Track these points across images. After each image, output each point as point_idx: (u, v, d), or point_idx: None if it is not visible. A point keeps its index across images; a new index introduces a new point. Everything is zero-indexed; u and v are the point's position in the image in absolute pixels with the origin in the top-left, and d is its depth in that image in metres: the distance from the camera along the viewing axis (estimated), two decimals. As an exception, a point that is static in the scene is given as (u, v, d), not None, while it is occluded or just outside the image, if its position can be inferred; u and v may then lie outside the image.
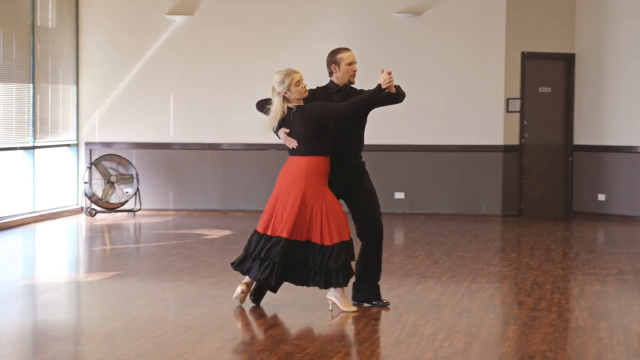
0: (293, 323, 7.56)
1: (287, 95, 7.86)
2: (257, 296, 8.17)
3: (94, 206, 15.15)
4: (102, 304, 8.67)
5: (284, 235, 7.80)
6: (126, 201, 15.27)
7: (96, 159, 15.28)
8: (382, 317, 7.78)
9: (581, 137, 15.37)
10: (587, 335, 7.16)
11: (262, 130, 8.05)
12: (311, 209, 7.80)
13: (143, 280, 9.74)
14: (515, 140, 15.07)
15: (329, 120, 7.83)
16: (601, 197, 15.07)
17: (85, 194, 15.18)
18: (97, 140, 15.69)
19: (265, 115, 8.05)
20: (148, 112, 15.58)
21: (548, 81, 15.40)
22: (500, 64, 14.92)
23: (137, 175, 15.30)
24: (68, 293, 9.12)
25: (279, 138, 7.99)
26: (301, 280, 7.93)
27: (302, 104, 7.90)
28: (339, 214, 7.83)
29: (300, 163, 7.85)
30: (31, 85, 14.40)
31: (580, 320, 7.65)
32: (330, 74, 8.13)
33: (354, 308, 7.91)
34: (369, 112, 8.11)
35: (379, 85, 7.81)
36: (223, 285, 9.16)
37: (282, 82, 7.86)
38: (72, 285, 9.52)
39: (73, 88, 15.58)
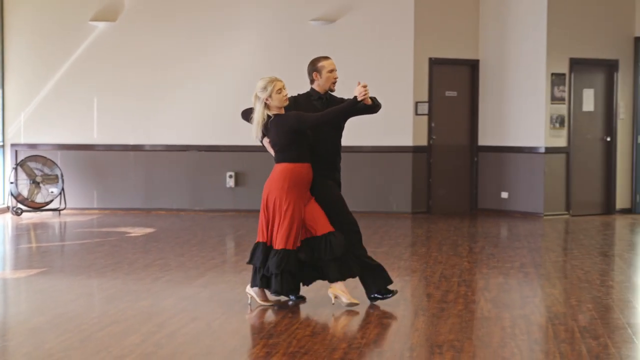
0: (212, 317, 7.52)
1: (268, 102, 7.71)
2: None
3: (20, 205, 14.92)
4: (28, 300, 8.55)
5: (289, 247, 7.67)
6: (51, 200, 15.07)
7: (22, 160, 15.05)
8: (299, 310, 7.78)
9: (485, 138, 15.56)
10: (491, 325, 7.25)
11: (256, 139, 7.87)
12: (298, 211, 7.71)
13: (68, 276, 9.61)
14: (423, 141, 15.20)
15: (304, 128, 7.75)
16: (504, 194, 15.28)
17: (12, 194, 14.94)
18: (22, 141, 15.45)
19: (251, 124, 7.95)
20: (72, 114, 15.39)
21: (454, 86, 15.57)
22: (409, 69, 15.03)
23: (62, 175, 15.11)
24: (-5, 290, 8.97)
25: (264, 146, 7.92)
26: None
27: (283, 112, 7.77)
28: (320, 210, 7.79)
29: (282, 170, 7.74)
30: (-43, 88, 14.12)
31: (485, 311, 7.73)
32: (312, 81, 8.06)
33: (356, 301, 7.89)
34: (345, 120, 8.06)
35: (355, 97, 7.81)
36: (146, 280, 9.09)
37: (265, 88, 7.69)
38: (-1, 282, 9.37)
39: (-1, 91, 15.33)
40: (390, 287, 8.02)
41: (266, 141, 7.86)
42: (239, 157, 15.06)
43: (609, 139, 15.38)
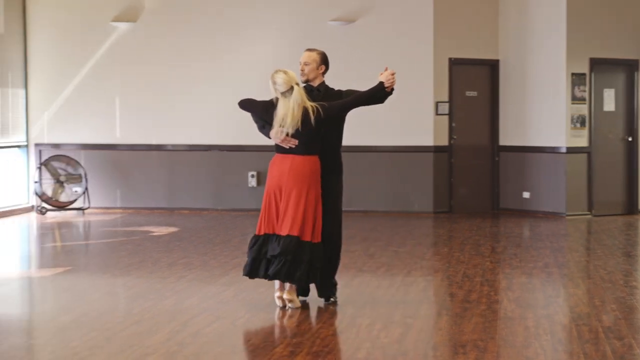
0: (236, 316, 7.51)
1: (297, 85, 7.57)
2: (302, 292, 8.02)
3: (44, 205, 14.97)
4: (54, 298, 8.56)
5: (295, 233, 7.55)
6: (75, 200, 15.11)
7: (46, 160, 15.09)
8: (322, 309, 7.76)
9: (506, 138, 15.50)
10: (515, 324, 7.21)
11: (271, 136, 7.63)
12: (315, 207, 7.65)
13: (92, 275, 9.63)
14: (444, 141, 15.15)
15: (333, 117, 7.66)
16: (526, 194, 15.21)
17: (36, 193, 14.99)
18: (46, 141, 15.50)
19: (249, 113, 7.85)
20: (95, 114, 15.43)
21: (474, 86, 15.51)
22: (429, 69, 14.99)
23: (85, 174, 15.14)
24: (20, 288, 8.99)
25: (270, 138, 7.70)
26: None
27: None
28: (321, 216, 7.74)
29: (304, 162, 7.60)
30: (-18, 88, 14.19)
31: (508, 311, 7.69)
32: None
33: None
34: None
35: (381, 83, 7.75)
36: (170, 279, 9.09)
37: (286, 81, 7.56)
38: (25, 281, 9.39)
39: (22, 91, 15.36)
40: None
41: (278, 131, 7.62)
42: (261, 156, 15.03)
43: (630, 139, 15.28)
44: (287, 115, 7.56)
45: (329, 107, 7.65)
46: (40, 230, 13.41)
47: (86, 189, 15.13)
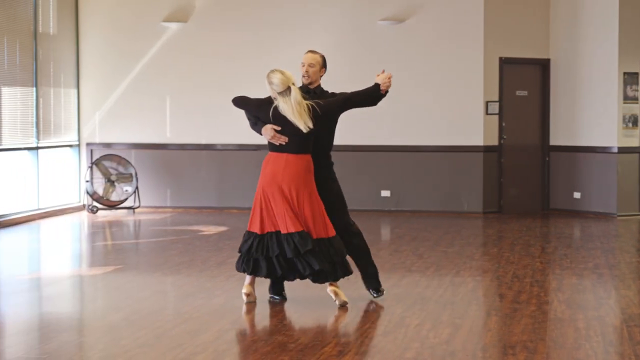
0: (286, 315, 7.53)
1: (293, 86, 7.60)
2: (276, 291, 8.07)
3: (95, 204, 15.10)
4: (104, 296, 8.64)
5: (293, 230, 7.58)
6: (126, 199, 15.23)
7: (97, 159, 15.23)
8: (371, 309, 7.75)
9: (557, 138, 15.38)
10: (565, 326, 7.15)
11: (263, 133, 7.72)
12: (312, 205, 7.69)
13: (143, 274, 9.70)
14: (494, 141, 15.07)
15: (333, 114, 7.72)
16: (576, 195, 15.08)
17: (87, 192, 15.13)
18: (97, 141, 15.64)
19: (243, 110, 7.94)
20: (146, 114, 15.54)
21: (525, 85, 15.40)
22: (479, 68, 14.91)
23: (136, 174, 15.26)
24: (71, 286, 9.08)
25: (261, 135, 7.78)
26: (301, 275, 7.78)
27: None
28: (324, 211, 7.76)
29: (297, 161, 7.67)
30: (34, 88, 14.34)
31: (558, 312, 7.63)
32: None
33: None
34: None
35: (377, 84, 7.74)
36: (219, 278, 9.13)
37: (282, 82, 7.61)
38: (76, 279, 9.48)
39: (74, 91, 15.52)
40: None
41: (269, 128, 7.64)
42: (309, 156, 15.06)
43: (683, 139, 15.11)
44: (300, 112, 7.56)
45: (326, 105, 7.66)
46: (91, 229, 13.54)
47: (137, 188, 15.24)
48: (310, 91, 7.93)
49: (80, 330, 7.25)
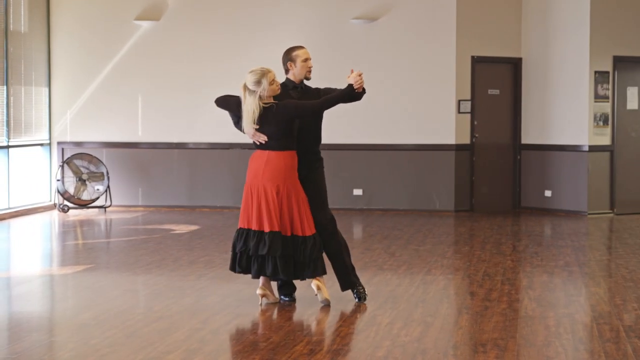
0: (256, 314, 7.52)
1: (261, 94, 7.68)
2: (287, 292, 8.05)
3: (66, 203, 15.04)
4: (75, 296, 8.60)
5: (275, 229, 7.61)
6: (97, 198, 15.17)
7: (68, 158, 15.16)
8: (342, 307, 7.75)
9: (528, 137, 15.45)
10: (535, 323, 7.18)
11: (245, 131, 7.79)
12: (291, 201, 7.68)
13: (114, 273, 9.66)
14: (466, 140, 15.12)
15: (304, 117, 7.75)
16: (547, 193, 15.16)
17: (58, 191, 15.06)
18: (68, 139, 15.57)
19: (226, 111, 7.98)
20: (117, 113, 15.48)
21: (497, 84, 15.46)
22: (451, 67, 14.96)
23: (107, 173, 15.19)
24: (42, 286, 9.03)
25: (244, 133, 7.87)
26: (295, 274, 7.77)
27: (273, 100, 7.75)
28: (309, 207, 7.76)
29: (279, 157, 7.68)
30: (5, 87, 14.25)
31: (529, 310, 7.67)
32: (287, 71, 8.01)
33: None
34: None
35: (350, 85, 7.74)
36: (191, 277, 9.11)
37: (259, 82, 7.61)
38: (46, 278, 9.43)
39: (45, 90, 15.44)
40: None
41: (251, 130, 7.73)
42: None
43: (653, 137, 15.22)
44: (252, 111, 7.65)
45: (299, 108, 7.65)
46: (62, 228, 13.48)
47: (108, 187, 15.18)
48: (298, 87, 7.95)
49: (51, 329, 7.21)
